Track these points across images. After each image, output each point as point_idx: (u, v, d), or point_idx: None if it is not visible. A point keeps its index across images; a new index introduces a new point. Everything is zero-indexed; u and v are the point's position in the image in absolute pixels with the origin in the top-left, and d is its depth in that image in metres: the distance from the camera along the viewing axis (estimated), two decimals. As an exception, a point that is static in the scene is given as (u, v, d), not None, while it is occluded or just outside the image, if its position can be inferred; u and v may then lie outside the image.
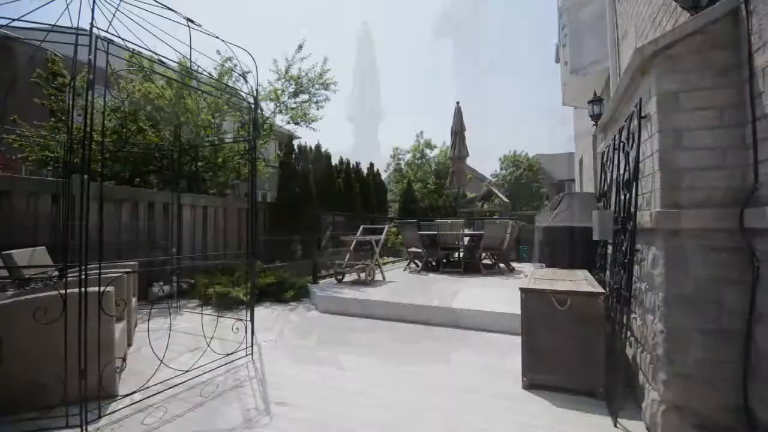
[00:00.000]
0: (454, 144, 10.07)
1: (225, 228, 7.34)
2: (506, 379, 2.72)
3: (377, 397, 2.47)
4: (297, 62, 8.96)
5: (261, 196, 17.26)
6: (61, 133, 6.93)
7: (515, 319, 3.76)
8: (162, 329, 3.93)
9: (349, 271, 6.26)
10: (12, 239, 4.47)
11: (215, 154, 8.18)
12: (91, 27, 2.18)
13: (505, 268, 7.34)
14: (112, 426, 2.13)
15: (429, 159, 25.64)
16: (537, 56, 78.99)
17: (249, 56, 3.39)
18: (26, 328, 2.19)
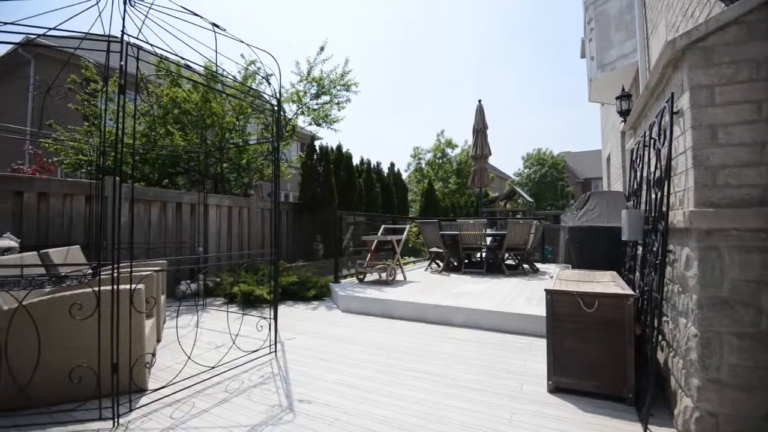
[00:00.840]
0: (476, 142, 9.97)
1: (249, 227, 7.49)
2: (530, 383, 2.68)
3: (397, 397, 2.47)
4: (319, 64, 9.07)
5: (284, 196, 17.54)
6: (94, 137, 7.23)
7: (539, 321, 3.71)
8: (189, 326, 4.06)
9: (370, 270, 6.28)
10: (48, 238, 4.71)
11: (239, 156, 8.37)
12: (122, 34, 2.27)
13: (529, 269, 7.21)
14: (142, 419, 2.20)
15: (450, 158, 25.48)
16: (562, 52, 77.19)
17: (272, 59, 3.45)
18: (62, 324, 2.30)
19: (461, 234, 7.05)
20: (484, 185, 10.28)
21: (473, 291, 5.25)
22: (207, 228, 6.62)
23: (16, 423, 2.12)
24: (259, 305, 5.20)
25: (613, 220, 4.23)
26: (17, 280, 2.09)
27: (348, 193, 9.69)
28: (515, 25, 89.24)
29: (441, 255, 7.70)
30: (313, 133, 11.30)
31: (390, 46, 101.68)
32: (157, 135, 7.51)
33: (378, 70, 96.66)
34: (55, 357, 2.29)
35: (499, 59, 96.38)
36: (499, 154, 74.42)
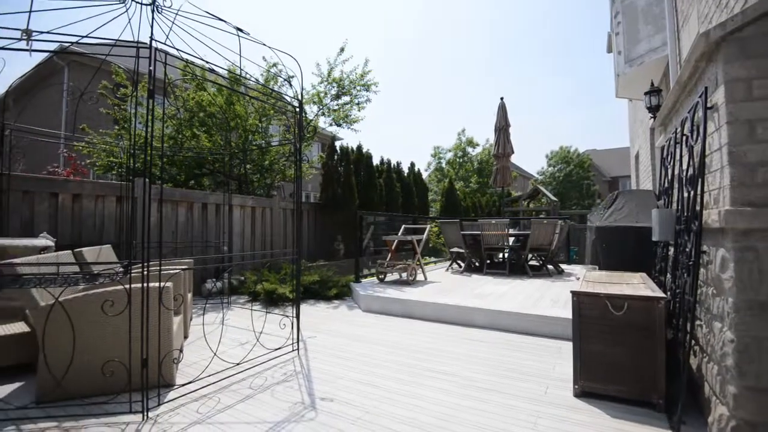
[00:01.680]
0: (498, 141, 9.84)
1: (271, 227, 7.61)
2: (555, 386, 2.62)
3: (418, 398, 2.46)
4: (339, 65, 9.14)
5: (305, 196, 17.75)
6: (124, 140, 7.51)
7: (564, 323, 3.63)
8: (214, 323, 4.16)
9: (390, 270, 6.28)
10: (82, 237, 4.91)
11: (262, 157, 8.52)
12: (151, 40, 2.34)
13: (554, 270, 7.06)
14: (170, 414, 2.27)
15: (471, 157, 25.23)
16: (588, 46, 75.22)
17: (294, 61, 3.49)
18: (95, 320, 2.39)
19: (483, 234, 6.96)
20: (507, 184, 10.14)
21: (495, 292, 5.17)
22: (231, 228, 6.76)
23: (52, 414, 2.22)
24: (282, 303, 5.28)
25: (642, 219, 4.10)
26: (54, 277, 2.19)
27: (368, 193, 9.72)
28: (540, 19, 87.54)
29: (462, 255, 7.63)
30: (333, 134, 11.39)
31: (408, 45, 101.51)
32: (183, 138, 7.73)
33: (396, 69, 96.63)
34: (89, 352, 2.39)
35: (523, 55, 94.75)
36: (522, 153, 73.10)
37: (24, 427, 2.10)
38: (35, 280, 2.19)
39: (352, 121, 9.51)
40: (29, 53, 2.40)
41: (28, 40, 2.32)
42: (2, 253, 3.35)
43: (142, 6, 2.42)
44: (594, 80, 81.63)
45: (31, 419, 2.17)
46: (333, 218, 8.82)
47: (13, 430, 2.07)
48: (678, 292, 2.51)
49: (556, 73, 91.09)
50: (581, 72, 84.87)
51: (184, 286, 3.53)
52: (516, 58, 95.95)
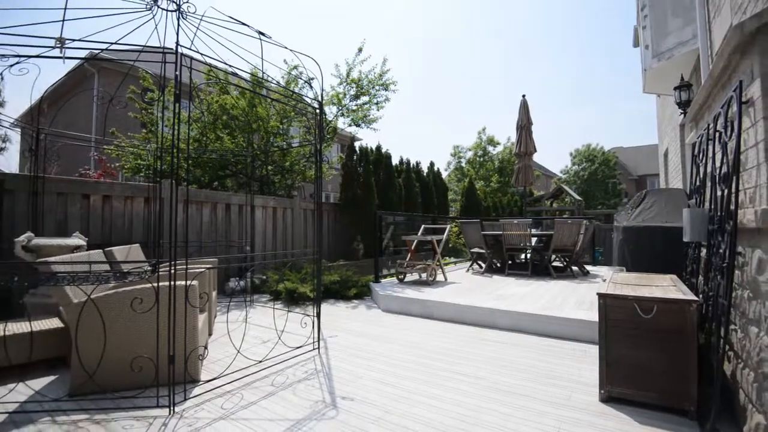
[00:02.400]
0: (520, 139, 9.67)
1: (292, 227, 7.71)
2: (580, 391, 2.55)
3: (438, 399, 2.44)
4: (357, 65, 9.18)
5: (324, 197, 17.90)
6: (151, 143, 7.74)
7: (590, 326, 3.54)
8: (237, 321, 4.24)
9: (410, 270, 6.27)
10: (112, 237, 5.09)
11: (283, 158, 8.64)
12: (177, 45, 2.41)
13: (578, 272, 6.89)
14: (196, 409, 2.32)
15: (492, 156, 24.92)
16: (613, 41, 73.18)
17: (314, 63, 3.52)
18: (125, 316, 2.48)
19: (505, 234, 6.86)
20: (529, 184, 9.95)
21: (518, 293, 5.09)
22: (254, 228, 6.88)
23: (84, 407, 2.31)
24: (303, 302, 5.34)
25: (672, 219, 3.96)
26: (86, 275, 2.28)
27: (387, 193, 9.72)
28: (563, 14, 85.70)
29: (483, 256, 7.53)
30: (353, 134, 11.46)
31: (427, 44, 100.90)
32: (207, 140, 7.92)
33: (415, 69, 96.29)
34: (119, 347, 2.48)
35: (545, 51, 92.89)
36: (545, 151, 71.77)
37: (58, 418, 2.19)
38: (69, 278, 2.28)
39: (371, 121, 9.54)
40: (63, 60, 2.50)
41: (62, 48, 2.42)
42: (38, 252, 3.51)
43: (167, 12, 2.50)
44: (620, 76, 79.38)
45: (65, 411, 2.26)
46: (352, 218, 8.86)
47: (48, 421, 2.16)
48: (711, 295, 2.41)
49: (581, 68, 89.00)
50: (607, 67, 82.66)
51: (209, 284, 3.61)
52: (539, 54, 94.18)
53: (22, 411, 2.27)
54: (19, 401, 2.37)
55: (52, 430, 2.07)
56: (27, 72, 2.69)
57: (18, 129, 7.01)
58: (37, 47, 2.40)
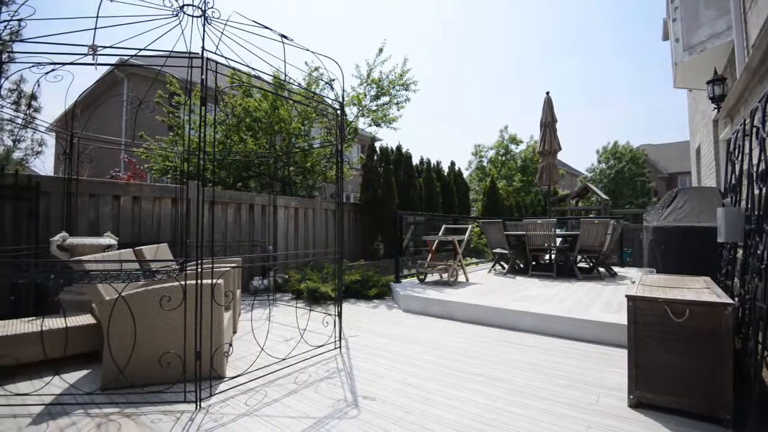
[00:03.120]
0: (544, 137, 9.48)
1: (313, 227, 7.79)
2: (608, 395, 2.48)
3: (459, 400, 2.42)
4: (378, 65, 9.19)
5: (345, 197, 18.02)
6: (178, 146, 7.97)
7: (618, 329, 3.44)
8: (260, 319, 4.32)
9: (431, 271, 6.23)
10: (141, 236, 5.26)
11: (304, 159, 8.74)
12: (203, 50, 2.46)
13: (605, 273, 6.70)
14: (221, 404, 2.37)
15: (514, 155, 24.52)
16: (641, 34, 70.83)
17: (335, 64, 3.54)
18: (154, 313, 2.56)
19: (528, 234, 6.74)
20: (553, 182, 9.74)
21: (542, 295, 4.99)
22: (276, 228, 6.99)
23: (115, 401, 2.39)
24: (324, 302, 5.39)
25: (705, 219, 3.80)
26: (117, 273, 2.36)
27: (408, 192, 9.70)
28: (587, 8, 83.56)
29: (506, 256, 7.42)
30: (373, 135, 11.48)
31: (448, 44, 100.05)
32: (231, 142, 8.10)
33: (436, 68, 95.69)
34: (147, 343, 2.55)
35: (568, 47, 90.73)
36: (570, 149, 70.15)
37: (91, 411, 2.27)
38: (101, 276, 2.37)
39: (391, 120, 9.54)
40: (95, 67, 2.60)
41: (94, 55, 2.51)
42: (72, 251, 3.67)
43: (192, 18, 2.56)
44: (649, 71, 76.80)
45: (97, 404, 2.35)
46: (373, 218, 8.88)
47: (81, 413, 2.25)
48: (748, 298, 2.30)
49: (608, 64, 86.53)
50: (634, 62, 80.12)
51: (234, 283, 3.69)
52: (564, 50, 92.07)
53: (58, 403, 2.37)
54: (54, 393, 2.48)
55: (85, 422, 2.15)
56: (61, 78, 2.81)
57: (53, 133, 7.35)
58: (71, 54, 2.50)
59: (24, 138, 8.75)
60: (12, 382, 2.65)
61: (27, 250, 4.11)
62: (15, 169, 5.29)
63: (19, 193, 4.22)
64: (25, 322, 3.07)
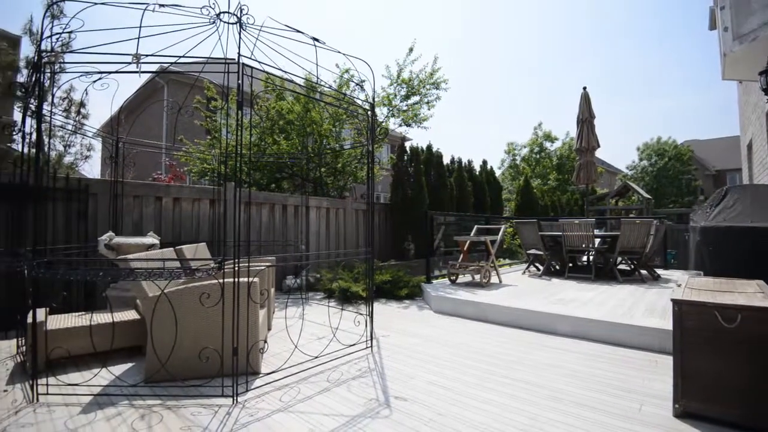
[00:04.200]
0: (581, 134, 9.16)
1: (344, 227, 7.87)
2: (651, 404, 2.36)
3: (492, 404, 2.37)
4: (408, 65, 9.16)
5: (375, 197, 18.10)
6: (215, 149, 8.26)
7: (661, 335, 3.28)
8: (293, 317, 4.41)
9: (463, 272, 6.15)
10: (181, 236, 5.48)
11: (335, 160, 8.84)
12: (239, 56, 2.54)
13: (648, 276, 6.38)
14: (256, 400, 2.43)
15: (549, 152, 23.81)
16: (686, 24, 67.12)
17: (366, 65, 3.56)
18: (194, 310, 2.66)
19: (565, 235, 6.52)
20: (591, 181, 9.38)
21: (579, 298, 4.82)
22: (308, 227, 7.11)
23: (157, 393, 2.50)
24: (355, 301, 5.42)
25: (758, 219, 3.55)
26: (160, 271, 2.47)
27: (439, 192, 9.62)
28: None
29: (541, 258, 7.22)
30: (403, 135, 11.48)
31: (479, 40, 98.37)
32: (265, 144, 8.31)
33: (467, 66, 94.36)
34: (188, 338, 2.66)
35: (608, 38, 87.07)
36: (609, 146, 67.51)
37: (135, 402, 2.39)
38: (145, 273, 2.48)
39: (422, 120, 9.49)
40: (138, 75, 2.73)
41: (138, 63, 2.64)
42: (118, 250, 3.87)
43: (228, 25, 2.64)
44: (693, 62, 72.59)
45: (141, 396, 2.47)
46: (403, 218, 8.87)
47: (126, 404, 2.37)
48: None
49: (648, 56, 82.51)
50: (678, 53, 76.00)
51: (268, 281, 3.78)
52: (600, 43, 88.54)
53: (105, 394, 2.51)
54: (102, 384, 2.62)
55: (130, 412, 2.27)
56: (108, 86, 2.97)
57: (100, 138, 7.79)
58: (116, 63, 2.63)
59: (74, 143, 9.33)
60: (64, 373, 2.83)
61: (77, 249, 4.38)
62: (66, 172, 5.65)
63: (70, 195, 4.50)
64: (75, 316, 3.27)
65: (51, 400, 2.40)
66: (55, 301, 3.90)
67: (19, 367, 2.96)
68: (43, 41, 2.61)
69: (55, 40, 2.69)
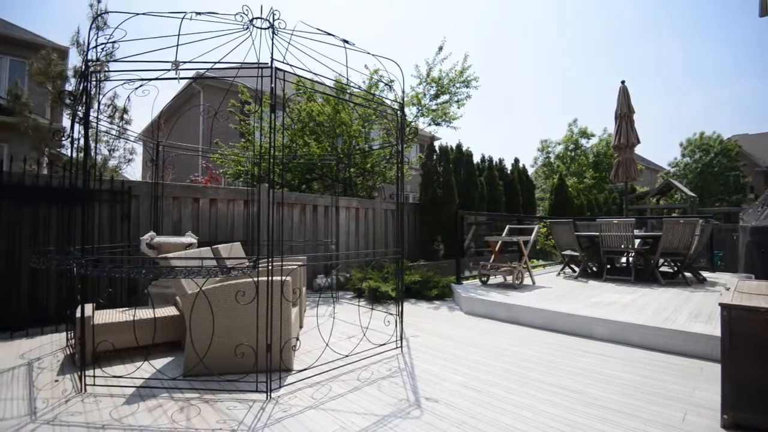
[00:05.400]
0: (620, 130, 8.78)
1: (374, 227, 7.90)
2: (696, 413, 2.23)
3: (526, 409, 2.31)
4: (438, 64, 9.10)
5: (404, 197, 18.08)
6: (249, 151, 8.50)
7: (708, 341, 3.11)
8: (324, 316, 4.46)
9: (494, 273, 6.03)
10: (217, 235, 5.67)
11: (364, 160, 8.90)
12: (272, 60, 2.60)
13: (692, 278, 6.05)
14: (289, 396, 2.48)
15: (585, 149, 23.01)
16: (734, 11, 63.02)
17: (396, 66, 3.55)
18: (230, 307, 2.74)
19: (602, 235, 6.28)
20: (631, 179, 8.98)
21: (618, 301, 4.62)
22: (338, 227, 7.19)
23: (195, 387, 2.60)
24: (385, 301, 5.43)
25: (821, 218, 3.28)
26: (198, 269, 2.56)
27: (469, 192, 9.49)
28: (666, -9, 76.00)
29: (576, 259, 6.98)
30: (432, 134, 11.42)
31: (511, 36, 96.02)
32: (296, 146, 8.48)
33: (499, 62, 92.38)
34: (224, 335, 2.75)
35: (645, 29, 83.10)
36: (649, 142, 64.56)
37: (174, 395, 2.49)
38: (184, 271, 2.58)
39: (451, 119, 9.40)
40: (177, 81, 2.84)
41: (177, 70, 2.74)
42: (159, 249, 4.05)
43: (261, 31, 2.71)
44: (738, 52, 68.08)
45: (180, 389, 2.57)
46: (432, 218, 8.81)
47: (167, 397, 2.47)
48: None
49: (692, 46, 78.04)
50: (721, 44, 71.47)
51: (300, 280, 3.85)
52: (639, 34, 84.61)
53: (146, 386, 2.63)
54: (144, 377, 2.75)
55: (170, 405, 2.36)
56: (148, 93, 3.11)
57: (141, 142, 8.18)
58: (156, 71, 2.75)
59: (117, 147, 9.85)
60: (109, 365, 2.98)
61: (121, 248, 4.62)
62: (111, 175, 5.96)
63: (114, 196, 4.75)
64: (119, 311, 3.45)
65: (97, 391, 2.54)
66: (101, 297, 4.13)
67: (68, 359, 3.16)
68: (89, 51, 2.77)
69: (100, 50, 2.85)
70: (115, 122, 9.60)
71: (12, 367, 3.00)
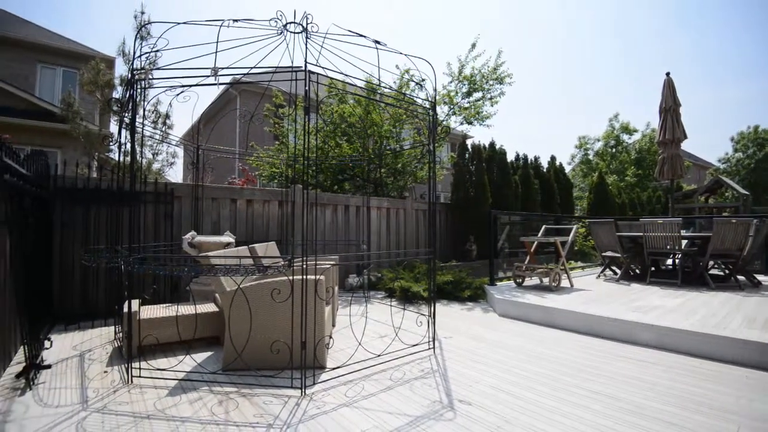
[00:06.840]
0: (665, 125, 8.32)
1: (405, 227, 7.89)
2: (750, 427, 2.08)
3: (564, 415, 2.23)
4: (470, 61, 8.96)
5: (435, 197, 17.95)
6: (283, 153, 8.70)
7: (763, 349, 2.92)
8: (356, 315, 4.51)
9: (529, 274, 5.88)
10: (253, 235, 5.85)
11: (395, 161, 8.90)
12: (306, 64, 2.64)
13: (746, 282, 5.66)
14: (323, 393, 2.52)
15: (627, 146, 22.01)
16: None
17: (427, 64, 3.53)
18: (266, 304, 2.82)
19: (646, 236, 5.98)
20: (677, 176, 8.48)
21: (664, 305, 4.39)
22: (369, 227, 7.23)
23: (234, 381, 2.69)
24: (416, 301, 5.41)
25: None
26: (237, 268, 2.65)
27: (502, 191, 9.30)
28: (717, -24, 71.15)
29: (618, 261, 6.69)
30: (464, 133, 11.26)
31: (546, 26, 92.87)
32: (328, 147, 8.60)
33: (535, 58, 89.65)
34: (261, 331, 2.83)
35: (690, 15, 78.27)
36: (697, 138, 60.88)
37: (214, 389, 2.59)
38: (223, 270, 2.68)
39: (484, 117, 9.23)
40: (217, 86, 2.95)
41: (216, 76, 2.85)
42: (200, 248, 4.22)
43: (295, 35, 2.76)
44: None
45: (219, 383, 2.67)
46: (465, 218, 8.70)
47: (206, 390, 2.57)
48: None
49: (742, 34, 72.73)
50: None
51: (333, 279, 3.90)
52: (686, 22, 79.76)
53: (188, 379, 2.74)
54: (185, 371, 2.87)
55: (209, 398, 2.46)
56: (189, 99, 3.24)
57: (182, 146, 8.56)
58: (196, 77, 2.87)
59: (160, 151, 10.37)
60: (153, 358, 3.14)
61: (164, 246, 4.85)
62: (155, 178, 6.27)
63: (158, 198, 4.99)
64: (163, 307, 3.62)
65: (143, 383, 2.68)
66: (146, 294, 4.35)
67: (116, 351, 3.35)
68: (134, 61, 2.92)
69: (144, 59, 3.00)
70: (158, 127, 10.11)
71: (66, 357, 3.22)
